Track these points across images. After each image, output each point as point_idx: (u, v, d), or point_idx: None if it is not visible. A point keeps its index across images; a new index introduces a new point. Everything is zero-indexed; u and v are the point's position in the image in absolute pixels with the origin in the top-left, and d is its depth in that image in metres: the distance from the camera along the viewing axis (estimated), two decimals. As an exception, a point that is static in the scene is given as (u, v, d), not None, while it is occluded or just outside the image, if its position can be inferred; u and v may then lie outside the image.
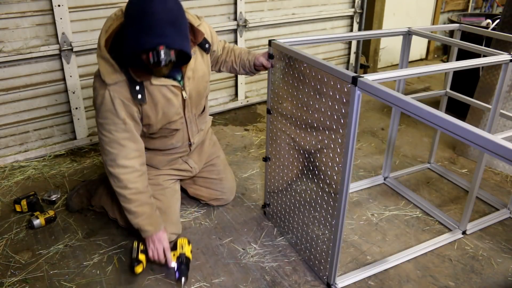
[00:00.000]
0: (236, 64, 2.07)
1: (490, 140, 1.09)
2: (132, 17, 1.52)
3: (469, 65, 1.76)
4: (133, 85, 1.69)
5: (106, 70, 1.66)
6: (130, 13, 1.53)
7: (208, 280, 1.89)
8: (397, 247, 2.10)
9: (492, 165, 2.83)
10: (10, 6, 2.54)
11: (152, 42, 1.48)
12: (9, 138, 2.80)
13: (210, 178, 2.30)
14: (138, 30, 1.49)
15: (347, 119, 1.53)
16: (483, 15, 4.06)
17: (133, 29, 1.51)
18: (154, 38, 1.49)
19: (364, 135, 3.30)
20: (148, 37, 1.48)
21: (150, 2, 1.48)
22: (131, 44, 1.53)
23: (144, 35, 1.49)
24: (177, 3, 1.57)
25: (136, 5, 1.51)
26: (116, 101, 1.69)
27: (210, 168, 2.30)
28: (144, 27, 1.48)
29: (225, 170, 2.35)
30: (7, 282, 1.85)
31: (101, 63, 1.67)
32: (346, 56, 4.31)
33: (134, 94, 1.70)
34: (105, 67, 1.66)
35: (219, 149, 2.37)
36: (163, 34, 1.50)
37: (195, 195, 2.36)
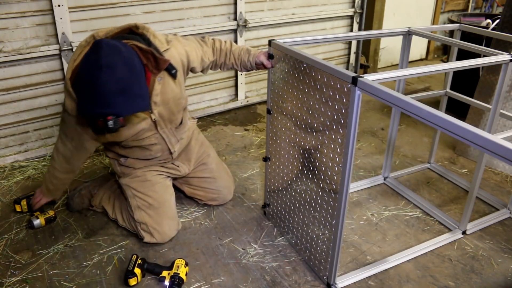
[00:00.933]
0: (236, 65, 2.07)
1: (490, 140, 1.09)
2: (81, 85, 1.54)
3: (469, 65, 1.76)
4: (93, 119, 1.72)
5: (69, 103, 1.74)
6: (80, 80, 1.55)
7: (208, 280, 1.89)
8: (397, 247, 2.10)
9: (492, 165, 2.83)
10: (10, 6, 2.54)
11: (101, 112, 1.50)
12: (9, 138, 2.80)
13: (204, 177, 2.30)
14: (87, 98, 1.51)
15: (347, 119, 1.53)
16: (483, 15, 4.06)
17: (83, 96, 1.54)
18: (102, 109, 1.49)
19: (364, 135, 3.30)
20: (96, 107, 1.49)
21: (98, 72, 1.46)
22: (82, 109, 1.57)
23: (92, 105, 1.50)
24: (128, 67, 1.54)
25: (85, 73, 1.51)
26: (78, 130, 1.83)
27: (202, 167, 2.30)
28: (92, 97, 1.49)
29: (218, 168, 2.35)
30: (7, 282, 1.85)
31: (65, 95, 1.75)
32: (346, 56, 4.31)
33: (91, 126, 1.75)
34: (67, 99, 1.74)
35: (209, 147, 2.36)
36: (111, 105, 1.49)
37: (192, 195, 2.37)
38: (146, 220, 2.02)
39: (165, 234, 2.05)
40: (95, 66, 1.47)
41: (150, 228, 2.03)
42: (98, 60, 1.46)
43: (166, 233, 2.05)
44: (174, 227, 2.09)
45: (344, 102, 1.53)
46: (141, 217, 2.03)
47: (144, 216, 2.03)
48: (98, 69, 1.46)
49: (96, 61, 1.47)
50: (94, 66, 1.47)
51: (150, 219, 2.02)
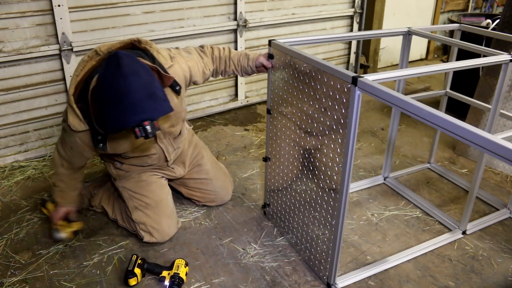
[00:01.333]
0: (237, 71, 2.07)
1: (490, 140, 1.09)
2: (109, 97, 1.49)
3: (469, 65, 1.76)
4: (95, 135, 1.74)
5: (72, 119, 1.71)
6: (105, 94, 1.51)
7: (208, 280, 1.89)
8: (397, 247, 2.10)
9: (492, 165, 2.83)
10: (10, 6, 2.54)
11: (136, 119, 1.48)
12: (9, 138, 2.80)
13: (200, 178, 2.30)
14: (119, 110, 1.48)
15: (347, 119, 1.52)
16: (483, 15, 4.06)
17: (114, 109, 1.49)
18: (137, 116, 1.47)
19: (364, 135, 3.30)
20: (131, 116, 1.47)
21: (124, 80, 1.46)
22: (114, 124, 1.52)
23: (126, 114, 1.48)
24: (147, 71, 1.55)
25: (109, 85, 1.49)
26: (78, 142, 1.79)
27: (197, 168, 2.30)
28: (125, 107, 1.47)
29: (214, 169, 2.35)
30: (7, 282, 1.85)
31: (68, 111, 1.72)
32: (346, 56, 4.30)
33: (96, 143, 1.76)
34: (71, 116, 1.71)
35: (203, 148, 2.36)
36: (144, 110, 1.49)
37: (190, 196, 2.37)
38: (144, 220, 2.02)
39: (164, 232, 2.05)
40: (119, 76, 1.46)
41: (149, 228, 2.03)
42: (121, 70, 1.46)
43: (165, 232, 2.05)
44: (173, 225, 2.09)
45: (344, 102, 1.53)
46: (139, 217, 2.03)
47: (142, 216, 2.03)
48: (124, 78, 1.45)
49: (119, 71, 1.46)
50: (118, 76, 1.46)
51: (148, 219, 2.03)
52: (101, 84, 1.54)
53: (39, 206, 2.24)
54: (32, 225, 2.21)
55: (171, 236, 2.09)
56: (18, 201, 2.40)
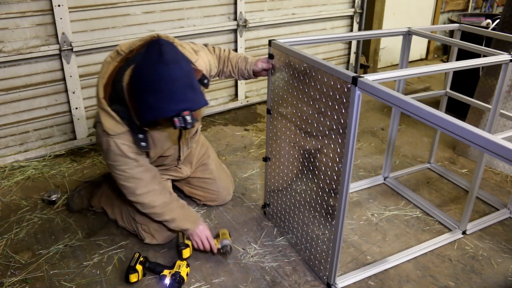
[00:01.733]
0: (234, 73, 2.06)
1: (490, 140, 1.09)
2: (149, 85, 1.46)
3: (469, 65, 1.76)
4: (136, 134, 1.69)
5: (108, 122, 1.65)
6: (146, 80, 1.47)
7: (208, 280, 1.89)
8: (397, 247, 2.10)
9: (492, 165, 2.83)
10: (10, 6, 2.54)
11: (177, 109, 1.46)
12: (9, 138, 2.80)
13: (204, 177, 2.31)
14: (160, 98, 1.46)
15: (347, 119, 1.52)
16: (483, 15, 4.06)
17: (154, 97, 1.46)
18: (178, 105, 1.46)
19: (364, 135, 3.30)
20: (172, 105, 1.46)
21: (167, 68, 1.44)
22: (154, 112, 1.49)
23: (167, 103, 1.46)
24: (186, 61, 1.55)
25: (151, 72, 1.46)
26: (122, 147, 1.69)
27: (202, 168, 2.31)
28: (166, 95, 1.45)
29: (218, 169, 2.35)
30: (7, 282, 1.85)
31: (102, 115, 1.65)
32: (346, 56, 4.30)
33: (138, 142, 1.70)
34: (107, 119, 1.65)
35: (209, 148, 2.37)
36: (185, 99, 1.47)
37: (191, 195, 2.37)
38: (147, 222, 2.02)
39: (166, 235, 2.05)
40: (161, 63, 1.43)
41: (152, 230, 2.03)
42: (162, 57, 1.44)
43: (167, 234, 2.05)
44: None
45: (344, 102, 1.53)
46: (142, 219, 2.02)
47: (145, 217, 2.02)
48: (165, 65, 1.43)
49: (161, 58, 1.44)
50: (159, 63, 1.43)
51: (152, 221, 2.02)
52: (141, 71, 1.49)
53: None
54: (32, 225, 2.21)
55: (172, 238, 2.09)
56: (18, 201, 2.40)
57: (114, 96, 1.65)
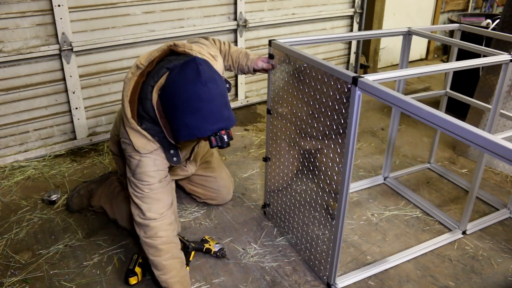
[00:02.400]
0: (234, 67, 2.05)
1: (490, 140, 1.09)
2: (187, 104, 1.46)
3: (469, 65, 1.76)
4: (167, 150, 1.68)
5: (139, 141, 1.62)
6: (184, 100, 1.47)
7: (208, 280, 1.89)
8: (397, 247, 2.10)
9: (492, 165, 2.83)
10: (10, 6, 2.54)
11: (215, 128, 1.49)
12: (9, 138, 2.80)
13: (205, 175, 2.31)
14: (198, 118, 1.47)
15: (347, 119, 1.52)
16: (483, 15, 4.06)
17: (193, 117, 1.47)
18: (215, 125, 1.48)
19: (364, 135, 3.30)
20: (209, 125, 1.48)
21: (206, 88, 1.45)
22: (191, 132, 1.50)
23: (205, 122, 1.48)
24: (221, 79, 1.56)
25: (190, 91, 1.46)
26: (155, 162, 1.66)
27: (205, 165, 2.31)
28: (205, 115, 1.47)
29: (219, 168, 2.36)
30: (7, 282, 1.85)
31: (132, 134, 1.62)
32: (346, 56, 4.30)
33: (170, 158, 1.69)
34: (138, 139, 1.62)
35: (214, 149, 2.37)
36: (222, 119, 1.50)
37: (192, 192, 2.37)
38: None
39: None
40: (199, 83, 1.45)
41: None
42: (200, 77, 1.45)
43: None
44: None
45: (344, 102, 1.53)
46: None
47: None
48: (204, 85, 1.45)
49: (199, 78, 1.45)
50: (197, 83, 1.45)
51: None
52: (178, 91, 1.48)
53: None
54: (32, 225, 2.21)
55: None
56: (18, 201, 2.40)
57: (142, 114, 1.62)
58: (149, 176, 1.66)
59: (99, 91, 3.01)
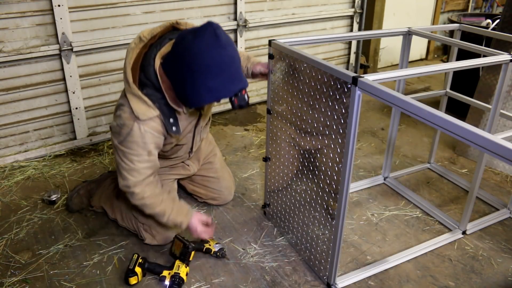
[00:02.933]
0: None
1: (490, 140, 1.09)
2: (210, 68, 1.50)
3: (469, 65, 1.76)
4: (167, 119, 1.69)
5: (138, 107, 1.64)
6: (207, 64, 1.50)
7: (208, 280, 1.89)
8: (397, 247, 2.10)
9: (492, 165, 2.83)
10: (10, 6, 2.54)
11: (236, 89, 1.56)
12: (9, 138, 2.80)
13: (208, 176, 2.31)
14: (221, 80, 1.52)
15: (347, 119, 1.52)
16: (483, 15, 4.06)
17: (215, 80, 1.52)
18: (237, 85, 1.55)
19: (364, 135, 3.30)
20: (232, 86, 1.54)
21: (225, 51, 1.50)
22: (215, 94, 1.55)
23: (228, 84, 1.53)
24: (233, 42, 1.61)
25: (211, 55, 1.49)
26: (146, 134, 1.67)
27: (207, 166, 2.31)
28: (227, 77, 1.53)
29: (222, 169, 2.36)
30: (7, 282, 1.85)
31: (132, 100, 1.64)
32: (346, 56, 4.31)
33: (169, 127, 1.71)
34: (138, 104, 1.64)
35: (215, 147, 2.38)
36: (241, 79, 1.57)
37: (193, 192, 2.37)
38: (150, 223, 2.02)
39: (166, 236, 2.04)
40: (218, 46, 1.48)
41: (153, 230, 2.02)
42: (220, 40, 1.49)
43: (167, 235, 2.05)
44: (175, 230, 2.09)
45: (344, 102, 1.53)
46: (145, 219, 2.02)
47: (148, 217, 2.02)
48: (223, 48, 1.49)
49: (218, 41, 1.49)
50: (216, 46, 1.48)
51: (155, 222, 2.02)
52: (199, 56, 1.50)
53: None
54: (32, 225, 2.21)
55: (172, 239, 2.09)
56: (18, 201, 2.40)
57: (144, 81, 1.66)
58: (138, 145, 1.68)
59: (99, 91, 3.01)
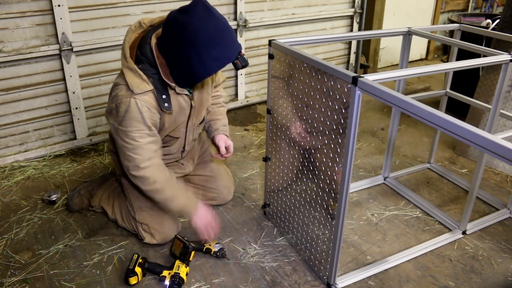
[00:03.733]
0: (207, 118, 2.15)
1: (490, 140, 1.09)
2: (211, 39, 1.58)
3: (469, 65, 1.76)
4: (160, 94, 1.75)
5: (133, 80, 1.70)
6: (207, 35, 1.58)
7: (208, 280, 1.89)
8: (397, 247, 2.10)
9: (492, 165, 2.83)
10: (10, 6, 2.54)
11: (235, 53, 1.65)
12: (9, 138, 2.80)
13: (205, 175, 2.31)
14: (224, 48, 1.62)
15: (347, 119, 1.53)
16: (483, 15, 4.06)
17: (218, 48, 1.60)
18: (235, 50, 1.65)
19: (364, 135, 3.30)
20: (233, 50, 1.64)
21: (220, 21, 1.60)
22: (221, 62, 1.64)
23: (229, 49, 1.63)
24: None
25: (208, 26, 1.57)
26: (143, 108, 1.72)
27: (203, 165, 2.31)
28: (228, 44, 1.63)
29: (218, 167, 2.36)
30: (7, 282, 1.85)
31: (128, 74, 1.71)
32: (346, 56, 4.31)
33: (162, 103, 1.76)
34: (133, 78, 1.70)
35: (210, 146, 2.38)
36: (237, 42, 1.67)
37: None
38: (148, 222, 2.02)
39: (166, 235, 2.05)
40: (213, 17, 1.59)
41: (152, 230, 2.03)
42: (211, 11, 1.59)
43: (167, 235, 2.05)
44: (174, 228, 2.09)
45: (344, 102, 1.53)
46: (143, 218, 2.03)
47: (146, 217, 2.02)
48: (217, 18, 1.60)
49: (211, 13, 1.59)
50: (211, 17, 1.58)
51: (152, 221, 2.02)
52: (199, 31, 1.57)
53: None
54: (32, 225, 2.21)
55: (171, 238, 2.09)
56: (18, 201, 2.40)
57: (140, 58, 1.73)
58: (137, 121, 1.72)
59: (99, 91, 3.01)
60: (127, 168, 1.80)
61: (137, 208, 2.04)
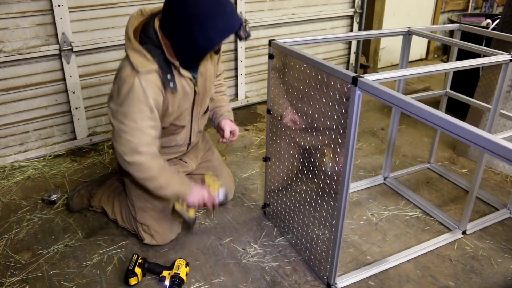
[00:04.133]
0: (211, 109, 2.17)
1: (490, 140, 1.09)
2: (212, 10, 1.59)
3: (469, 65, 1.76)
4: (165, 74, 1.74)
5: (138, 60, 1.69)
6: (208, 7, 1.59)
7: (208, 280, 1.89)
8: (397, 247, 2.10)
9: (492, 165, 2.83)
10: (10, 6, 2.54)
11: (238, 24, 1.64)
12: (9, 138, 2.80)
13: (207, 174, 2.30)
14: (227, 18, 1.62)
15: (347, 119, 1.53)
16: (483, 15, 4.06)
17: (222, 19, 1.61)
18: (237, 20, 1.64)
19: (364, 135, 3.30)
20: (235, 20, 1.64)
21: None
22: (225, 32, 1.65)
23: (231, 19, 1.63)
24: None
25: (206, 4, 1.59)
26: (147, 88, 1.69)
27: (206, 164, 2.31)
28: (229, 13, 1.62)
29: (220, 167, 2.36)
30: (7, 282, 1.85)
31: (132, 54, 1.70)
32: (346, 56, 4.30)
33: (166, 83, 1.74)
34: (138, 57, 1.70)
35: (212, 145, 2.39)
36: (237, 14, 1.66)
37: None
38: (148, 222, 2.02)
39: (166, 236, 2.05)
40: None
41: (152, 230, 2.02)
42: None
43: (167, 235, 2.05)
44: (175, 229, 2.09)
45: (344, 102, 1.53)
46: (143, 219, 2.02)
47: (146, 217, 2.02)
48: None
49: None
50: None
51: (153, 222, 2.02)
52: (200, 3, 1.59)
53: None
54: (32, 225, 2.21)
55: (171, 239, 2.09)
56: (18, 201, 2.40)
57: (144, 39, 1.72)
58: (140, 101, 1.70)
59: (99, 91, 3.01)
60: (122, 153, 1.72)
61: (138, 208, 2.03)
